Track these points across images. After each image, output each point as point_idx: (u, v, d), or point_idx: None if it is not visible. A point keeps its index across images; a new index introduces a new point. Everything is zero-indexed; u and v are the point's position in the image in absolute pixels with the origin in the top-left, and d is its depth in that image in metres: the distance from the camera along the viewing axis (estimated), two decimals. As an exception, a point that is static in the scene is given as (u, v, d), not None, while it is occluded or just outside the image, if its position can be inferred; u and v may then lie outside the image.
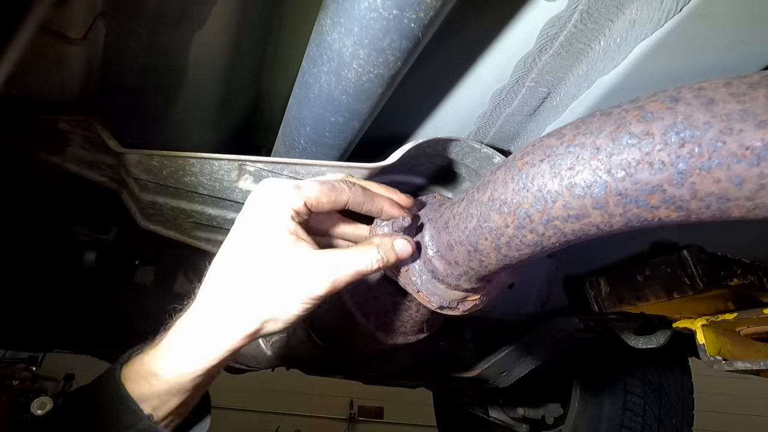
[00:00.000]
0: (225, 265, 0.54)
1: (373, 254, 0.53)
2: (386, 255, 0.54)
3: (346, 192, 0.56)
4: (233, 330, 0.51)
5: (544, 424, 1.85)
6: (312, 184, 0.54)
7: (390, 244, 0.55)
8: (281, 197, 0.52)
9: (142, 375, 0.53)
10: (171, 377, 0.52)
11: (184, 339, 0.53)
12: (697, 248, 0.92)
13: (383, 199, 0.60)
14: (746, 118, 0.33)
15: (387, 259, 0.54)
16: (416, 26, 0.47)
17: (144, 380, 0.53)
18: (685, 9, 0.49)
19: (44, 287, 1.17)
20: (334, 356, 1.11)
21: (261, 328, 0.52)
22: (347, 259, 0.52)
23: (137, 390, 0.53)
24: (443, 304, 0.62)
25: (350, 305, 0.76)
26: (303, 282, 0.51)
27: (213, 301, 0.53)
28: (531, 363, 1.46)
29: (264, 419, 6.21)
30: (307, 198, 0.53)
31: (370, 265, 0.53)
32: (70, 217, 1.07)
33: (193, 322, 0.53)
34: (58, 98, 0.71)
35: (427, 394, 2.46)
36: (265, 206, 0.53)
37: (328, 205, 0.55)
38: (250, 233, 0.53)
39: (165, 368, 0.52)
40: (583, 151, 0.40)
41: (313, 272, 0.51)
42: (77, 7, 0.54)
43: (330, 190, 0.55)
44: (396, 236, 0.56)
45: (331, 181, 0.56)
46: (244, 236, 0.53)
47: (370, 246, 0.54)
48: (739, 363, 0.96)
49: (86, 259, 1.10)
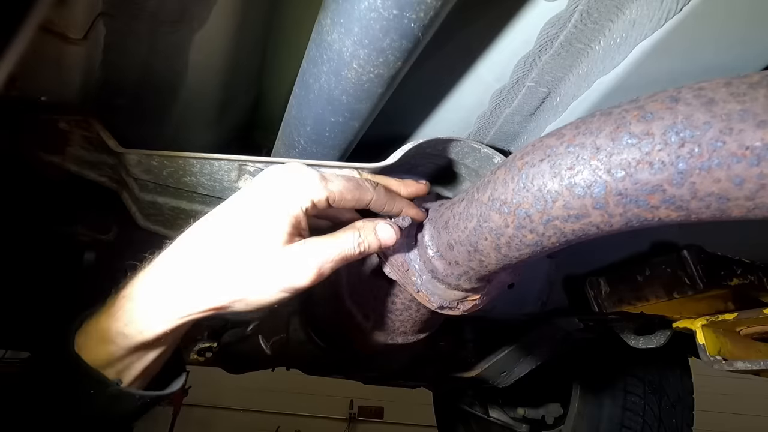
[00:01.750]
0: (211, 231, 0.51)
1: (354, 238, 0.52)
2: (367, 239, 0.53)
3: (371, 192, 0.55)
4: (201, 301, 0.49)
5: (544, 424, 1.85)
6: (338, 179, 0.53)
7: (371, 227, 0.54)
8: (306, 185, 0.50)
9: (100, 339, 0.50)
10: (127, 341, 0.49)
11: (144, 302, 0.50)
12: (697, 248, 0.92)
13: (403, 202, 0.59)
14: (746, 118, 0.33)
15: (368, 243, 0.53)
16: (416, 26, 0.47)
17: (103, 344, 0.50)
18: (685, 9, 0.49)
19: (44, 287, 1.17)
20: (334, 356, 1.11)
21: (229, 306, 0.50)
22: (329, 246, 0.51)
23: (98, 356, 0.50)
24: (443, 304, 0.62)
25: (350, 305, 0.76)
26: (286, 272, 0.49)
27: (185, 266, 0.50)
28: (531, 363, 1.46)
29: (264, 419, 6.21)
30: (330, 192, 0.51)
31: (351, 249, 0.52)
32: (70, 217, 1.07)
33: (156, 285, 0.50)
34: (58, 98, 0.71)
35: (427, 394, 2.46)
36: (283, 188, 0.50)
37: (351, 203, 0.53)
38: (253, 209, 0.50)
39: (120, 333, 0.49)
40: (583, 151, 0.40)
41: (298, 263, 0.49)
42: (77, 7, 0.54)
43: (355, 188, 0.53)
44: (378, 220, 0.55)
45: (357, 179, 0.55)
46: (244, 209, 0.51)
47: (352, 230, 0.53)
48: (739, 363, 0.96)
49: (86, 259, 1.10)
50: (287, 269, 0.49)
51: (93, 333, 0.51)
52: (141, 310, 0.50)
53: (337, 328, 0.88)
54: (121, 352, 0.50)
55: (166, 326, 0.50)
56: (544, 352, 1.42)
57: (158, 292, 0.50)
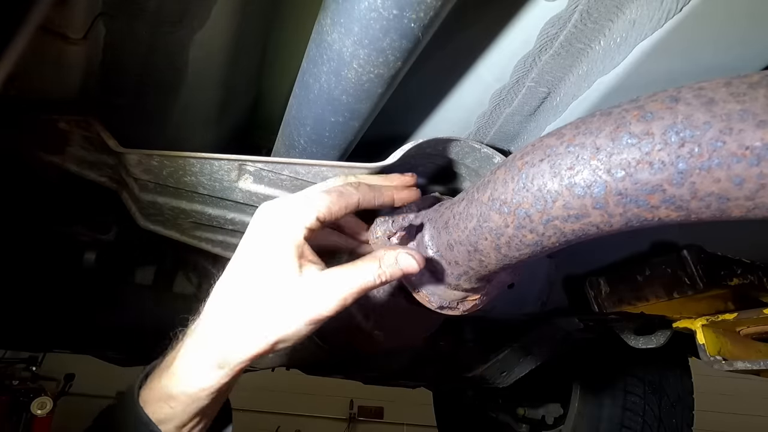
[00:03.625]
0: (232, 286, 0.53)
1: (375, 269, 0.52)
2: (389, 269, 0.53)
3: (355, 194, 0.56)
4: (245, 351, 0.51)
5: (544, 424, 1.85)
6: (320, 195, 0.54)
7: (393, 257, 0.53)
8: (292, 216, 0.52)
9: (158, 398, 0.54)
10: (185, 398, 0.53)
11: (193, 360, 0.53)
12: (697, 248, 0.92)
13: (389, 188, 0.60)
14: (746, 118, 0.33)
15: (390, 273, 0.53)
16: (416, 26, 0.47)
17: (162, 402, 0.54)
18: (685, 9, 0.49)
19: (44, 287, 1.17)
20: (335, 356, 1.11)
21: (272, 348, 0.52)
22: (350, 277, 0.51)
23: (157, 413, 0.54)
24: (443, 304, 0.62)
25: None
26: (310, 304, 0.50)
27: (220, 323, 0.52)
28: (531, 363, 1.46)
29: (264, 419, 6.21)
30: (318, 212, 0.52)
31: (373, 280, 0.52)
32: (70, 217, 1.07)
33: (202, 343, 0.53)
34: (58, 98, 0.71)
35: (427, 394, 2.46)
36: (274, 227, 0.52)
37: (341, 213, 0.54)
38: (257, 255, 0.52)
39: (178, 390, 0.53)
40: (583, 151, 0.40)
41: (319, 294, 0.50)
42: (77, 7, 0.54)
43: (339, 198, 0.54)
44: (400, 249, 0.54)
45: (338, 188, 0.56)
46: (251, 258, 0.53)
47: (373, 260, 0.53)
48: (739, 363, 0.96)
49: (86, 259, 1.10)
50: (310, 301, 0.50)
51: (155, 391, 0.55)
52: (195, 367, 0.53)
53: (337, 328, 0.88)
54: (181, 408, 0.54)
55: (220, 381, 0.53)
56: (544, 352, 1.42)
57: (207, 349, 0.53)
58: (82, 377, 5.06)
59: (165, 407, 0.54)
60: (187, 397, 0.53)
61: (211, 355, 0.52)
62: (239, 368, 0.53)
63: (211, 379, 0.52)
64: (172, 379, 0.54)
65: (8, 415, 3.84)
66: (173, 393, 0.53)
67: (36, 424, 3.63)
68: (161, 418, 0.54)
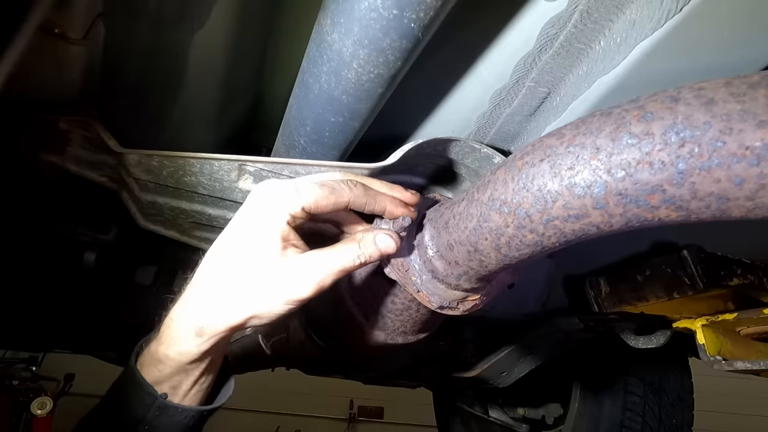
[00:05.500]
0: (217, 261, 0.56)
1: (354, 250, 0.54)
2: (367, 250, 0.55)
3: (347, 193, 0.56)
4: (220, 322, 0.54)
5: (544, 424, 1.85)
6: (312, 187, 0.55)
7: (371, 238, 0.55)
8: (279, 201, 0.54)
9: (151, 362, 0.58)
10: (171, 362, 0.57)
11: (177, 328, 0.56)
12: (697, 248, 0.92)
13: (386, 198, 0.60)
14: (746, 118, 0.33)
15: (369, 254, 0.55)
16: (416, 26, 0.47)
17: (153, 366, 0.58)
18: (685, 9, 0.49)
19: (44, 287, 1.17)
20: (334, 356, 1.11)
21: (245, 322, 0.54)
22: (329, 259, 0.53)
23: (151, 375, 0.58)
24: (443, 304, 0.62)
25: (350, 305, 0.76)
26: (289, 285, 0.53)
27: (203, 294, 0.55)
28: (531, 363, 1.46)
29: (264, 419, 6.21)
30: (305, 203, 0.54)
31: (351, 261, 0.54)
32: (71, 217, 1.07)
33: (184, 313, 0.56)
34: (58, 98, 0.71)
35: (427, 394, 2.46)
36: (262, 208, 0.55)
37: (328, 208, 0.56)
38: (243, 233, 0.55)
39: (165, 355, 0.57)
40: (583, 151, 0.40)
41: (298, 275, 0.53)
42: (77, 7, 0.54)
43: (330, 193, 0.55)
44: (378, 231, 0.56)
45: (332, 183, 0.56)
46: (238, 235, 0.55)
47: (352, 242, 0.55)
48: (739, 363, 0.96)
49: (86, 259, 1.10)
50: (288, 282, 0.53)
51: (147, 356, 0.59)
52: (177, 335, 0.56)
53: (337, 328, 0.87)
54: (168, 371, 0.58)
55: (199, 348, 0.55)
56: (544, 352, 1.41)
57: (187, 318, 0.56)
58: (82, 377, 5.06)
59: (155, 370, 0.58)
60: (172, 361, 0.57)
61: (191, 323, 0.55)
62: (217, 337, 0.55)
63: (190, 345, 0.55)
64: (160, 345, 0.57)
65: (8, 415, 3.84)
66: (160, 357, 0.57)
67: (36, 424, 3.63)
68: (154, 379, 0.58)
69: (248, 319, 0.54)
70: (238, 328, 0.55)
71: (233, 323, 0.54)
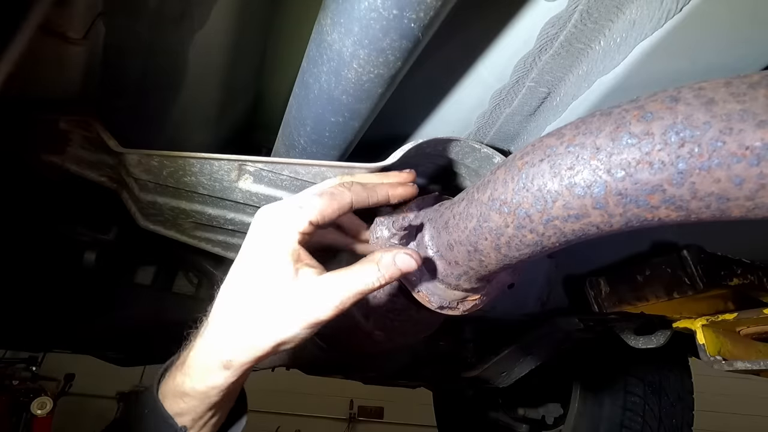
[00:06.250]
0: (233, 292, 0.55)
1: (374, 272, 0.52)
2: (387, 271, 0.53)
3: (347, 195, 0.56)
4: (247, 354, 0.53)
5: (544, 424, 1.85)
6: (313, 199, 0.54)
7: (391, 259, 0.53)
8: (285, 222, 0.53)
9: (174, 394, 0.58)
10: (196, 395, 0.56)
11: (203, 362, 0.55)
12: (697, 248, 0.92)
13: (384, 186, 0.60)
14: (746, 118, 0.33)
15: (390, 274, 0.53)
16: (416, 26, 0.47)
17: (178, 398, 0.57)
18: (685, 9, 0.49)
19: (44, 287, 1.17)
20: (335, 356, 1.11)
21: (273, 350, 0.53)
22: (349, 281, 0.52)
23: (174, 407, 0.58)
24: (443, 304, 0.62)
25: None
26: (308, 309, 0.51)
27: (224, 327, 0.55)
28: (531, 363, 1.46)
29: (264, 419, 6.21)
30: (311, 216, 0.53)
31: (371, 283, 0.52)
32: (71, 217, 1.07)
33: (209, 346, 0.55)
34: (58, 98, 0.71)
35: (427, 394, 2.46)
36: (269, 233, 0.54)
37: (334, 215, 0.55)
38: (255, 261, 0.54)
39: (190, 388, 0.56)
40: (583, 151, 0.40)
41: (317, 299, 0.51)
42: (77, 7, 0.54)
43: (331, 200, 0.55)
44: (397, 250, 0.54)
45: (330, 189, 0.56)
46: (249, 264, 0.54)
47: (370, 263, 0.53)
48: (739, 363, 0.96)
49: (86, 259, 1.10)
50: (308, 305, 0.51)
51: (171, 387, 0.58)
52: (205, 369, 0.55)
53: (337, 328, 0.88)
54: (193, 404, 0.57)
55: (227, 381, 0.55)
56: (544, 352, 1.42)
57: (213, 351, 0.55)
58: (82, 377, 5.06)
59: (180, 402, 0.57)
60: (199, 394, 0.56)
61: (218, 357, 0.54)
62: (244, 369, 0.55)
63: (218, 378, 0.54)
64: (186, 378, 0.56)
65: (8, 415, 3.84)
66: (186, 390, 0.56)
67: (36, 424, 3.63)
68: (177, 411, 0.58)
69: (276, 346, 0.53)
70: (264, 357, 0.54)
71: (260, 353, 0.53)
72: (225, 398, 0.58)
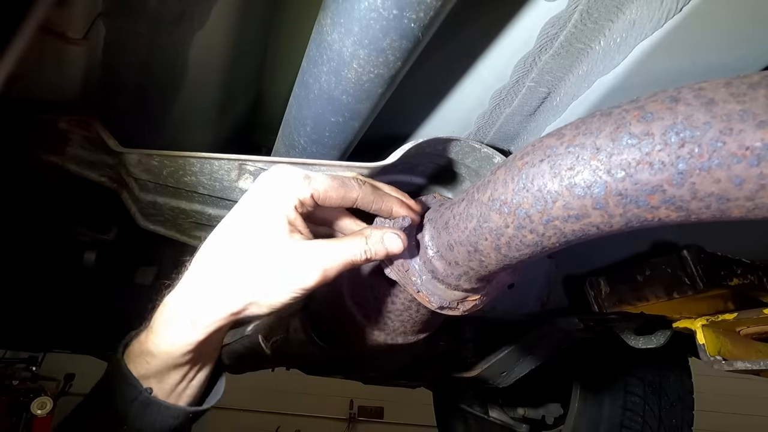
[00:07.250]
0: (219, 243, 0.53)
1: (362, 245, 0.53)
2: (374, 246, 0.53)
3: (356, 189, 0.56)
4: (218, 308, 0.51)
5: (544, 424, 1.85)
6: (323, 177, 0.54)
7: (380, 236, 0.54)
8: (289, 185, 0.52)
9: (138, 354, 0.55)
10: (161, 354, 0.53)
11: (170, 316, 0.53)
12: (697, 248, 0.92)
13: (393, 199, 0.60)
14: (746, 118, 0.33)
15: (375, 250, 0.53)
16: (416, 26, 0.47)
17: (141, 359, 0.55)
18: (685, 9, 0.49)
19: (44, 287, 1.17)
20: (335, 356, 1.11)
21: (244, 309, 0.52)
22: (336, 250, 0.52)
23: (137, 369, 0.55)
24: (443, 304, 0.62)
25: (350, 305, 0.76)
26: (294, 272, 0.50)
27: (201, 279, 0.53)
28: (531, 363, 1.46)
29: (264, 419, 6.21)
30: (315, 190, 0.53)
31: (358, 255, 0.52)
32: (70, 217, 1.07)
33: (179, 299, 0.53)
34: (58, 98, 0.71)
35: (427, 394, 2.46)
36: (270, 190, 0.53)
37: (337, 201, 0.55)
38: (249, 215, 0.53)
39: (155, 346, 0.53)
40: (583, 152, 0.40)
41: (304, 263, 0.50)
42: (77, 7, 0.54)
43: (340, 186, 0.55)
44: (387, 229, 0.55)
45: (342, 177, 0.56)
46: (243, 218, 0.53)
47: (360, 237, 0.54)
48: (739, 363, 0.96)
49: (86, 259, 1.10)
50: (294, 268, 0.50)
51: (136, 348, 0.56)
52: (169, 323, 0.53)
53: (337, 328, 0.87)
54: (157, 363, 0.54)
55: (193, 338, 0.52)
56: (544, 352, 1.41)
57: (181, 305, 0.53)
58: (82, 377, 5.05)
59: (143, 362, 0.55)
60: (163, 353, 0.53)
61: (185, 311, 0.52)
62: (213, 327, 0.52)
63: (182, 335, 0.52)
64: (150, 334, 0.54)
65: (8, 415, 3.84)
66: (150, 348, 0.54)
67: (36, 424, 3.64)
68: (141, 373, 0.55)
69: (246, 305, 0.51)
70: (236, 315, 0.52)
71: (230, 310, 0.51)
72: (192, 362, 0.55)
